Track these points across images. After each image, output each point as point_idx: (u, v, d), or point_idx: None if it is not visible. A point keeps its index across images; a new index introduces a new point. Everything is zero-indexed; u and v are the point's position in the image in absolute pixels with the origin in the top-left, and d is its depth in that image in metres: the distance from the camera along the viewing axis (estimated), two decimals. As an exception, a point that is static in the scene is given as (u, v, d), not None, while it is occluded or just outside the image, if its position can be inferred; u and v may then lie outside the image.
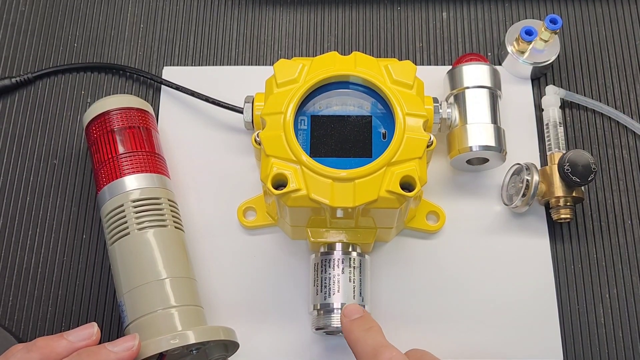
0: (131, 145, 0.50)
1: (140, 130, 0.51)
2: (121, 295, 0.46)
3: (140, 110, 0.52)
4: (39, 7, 0.61)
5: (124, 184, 0.49)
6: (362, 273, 0.48)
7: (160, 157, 0.52)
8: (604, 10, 0.61)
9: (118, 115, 0.51)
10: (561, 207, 0.51)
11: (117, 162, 0.49)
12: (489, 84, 0.52)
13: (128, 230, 0.47)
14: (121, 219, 0.47)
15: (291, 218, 0.48)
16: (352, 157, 0.46)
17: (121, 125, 0.51)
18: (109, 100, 0.52)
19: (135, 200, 0.48)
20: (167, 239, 0.48)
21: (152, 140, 0.52)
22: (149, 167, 0.50)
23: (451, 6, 0.61)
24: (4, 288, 0.52)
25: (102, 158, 0.50)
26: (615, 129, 0.57)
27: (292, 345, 0.50)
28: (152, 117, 0.54)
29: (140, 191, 0.48)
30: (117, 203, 0.48)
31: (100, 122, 0.51)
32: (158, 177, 0.50)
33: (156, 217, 0.48)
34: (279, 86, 0.47)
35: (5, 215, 0.54)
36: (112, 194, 0.48)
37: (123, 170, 0.49)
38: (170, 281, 0.46)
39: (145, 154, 0.50)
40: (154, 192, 0.49)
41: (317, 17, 0.61)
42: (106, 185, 0.49)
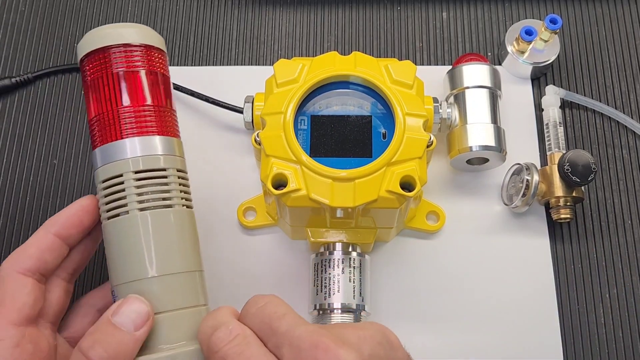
0: (147, 96, 0.41)
1: (158, 77, 0.42)
2: (116, 284, 0.40)
3: (159, 51, 0.43)
4: (39, 7, 0.62)
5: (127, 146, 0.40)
6: (362, 273, 0.48)
7: (174, 115, 0.43)
8: (604, 10, 0.61)
9: (130, 52, 0.41)
10: (561, 207, 0.51)
11: (124, 117, 0.40)
12: (489, 84, 0.52)
13: (127, 209, 0.39)
14: (119, 192, 0.40)
15: (291, 218, 0.48)
16: (352, 157, 0.46)
17: (133, 67, 0.41)
18: (117, 30, 0.42)
19: (138, 171, 0.40)
20: (178, 222, 0.40)
21: (170, 91, 0.43)
22: (164, 128, 0.41)
23: (451, 6, 0.61)
24: (4, 288, 0.52)
25: (103, 108, 0.40)
26: (615, 129, 0.57)
27: (292, 345, 0.50)
28: (167, 58, 0.44)
29: (147, 159, 0.40)
30: (116, 171, 0.40)
31: (100, 58, 0.41)
32: (173, 141, 0.42)
33: (164, 194, 0.40)
34: (279, 86, 0.47)
35: (5, 215, 0.54)
36: (111, 157, 0.40)
37: (130, 129, 0.40)
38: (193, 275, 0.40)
39: (161, 109, 0.41)
40: (165, 161, 0.41)
41: (317, 17, 0.61)
42: (106, 144, 0.40)
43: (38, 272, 0.40)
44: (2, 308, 0.38)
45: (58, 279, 0.42)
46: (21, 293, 0.38)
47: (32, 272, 0.39)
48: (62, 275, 0.42)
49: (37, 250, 0.40)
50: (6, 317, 0.37)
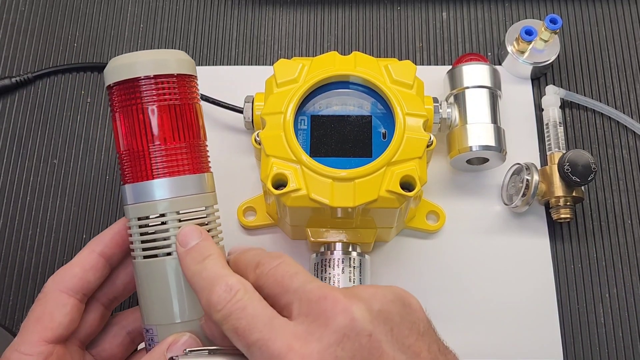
0: (182, 133, 0.39)
1: (192, 109, 0.39)
2: (152, 323, 0.39)
3: (192, 78, 0.40)
4: (39, 7, 0.61)
5: (164, 186, 0.38)
6: (362, 273, 0.48)
7: (205, 145, 0.41)
8: (604, 10, 0.61)
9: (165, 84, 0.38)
10: (561, 207, 0.51)
11: (159, 155, 0.38)
12: (489, 83, 0.52)
13: (169, 250, 0.38)
14: (161, 232, 0.38)
15: (291, 218, 0.48)
16: (352, 157, 0.46)
17: (167, 100, 0.38)
18: (150, 57, 0.39)
19: (181, 212, 0.38)
20: None
21: (201, 120, 0.41)
22: (202, 165, 0.40)
23: (451, 6, 0.61)
24: (4, 288, 0.52)
25: (133, 145, 0.38)
26: (615, 129, 0.57)
27: (292, 345, 0.50)
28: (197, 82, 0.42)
29: (186, 200, 0.39)
30: (156, 210, 0.38)
31: (130, 88, 0.38)
32: (206, 177, 0.40)
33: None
34: (279, 86, 0.47)
35: (5, 215, 0.54)
36: (148, 196, 0.38)
37: (163, 168, 0.38)
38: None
39: (194, 145, 0.39)
40: (202, 199, 0.39)
41: (317, 17, 0.61)
42: (142, 182, 0.38)
43: (81, 291, 0.40)
44: (38, 324, 0.38)
45: (97, 303, 0.42)
46: (60, 313, 0.39)
47: (75, 291, 0.39)
48: (101, 299, 0.42)
49: (81, 269, 0.40)
50: (40, 334, 0.38)
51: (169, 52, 0.40)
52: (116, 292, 0.42)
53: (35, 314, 0.39)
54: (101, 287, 0.42)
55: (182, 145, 0.39)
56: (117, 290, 0.42)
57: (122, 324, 0.43)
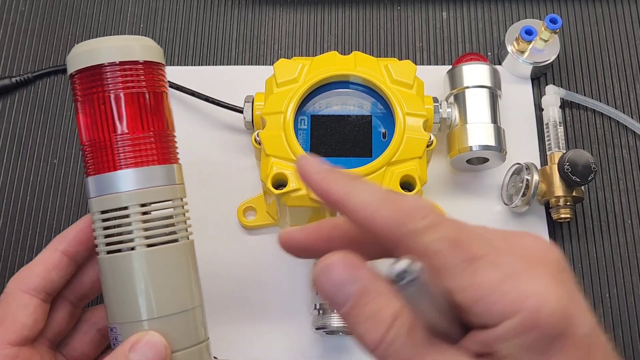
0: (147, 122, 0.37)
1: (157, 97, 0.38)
2: (116, 322, 0.38)
3: (158, 66, 0.39)
4: (39, 7, 0.61)
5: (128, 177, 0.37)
6: (362, 273, 0.48)
7: (173, 135, 0.40)
8: (604, 10, 0.61)
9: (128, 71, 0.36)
10: (561, 206, 0.51)
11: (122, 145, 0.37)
12: (489, 83, 0.52)
13: (132, 245, 0.37)
14: (123, 226, 0.37)
15: (291, 218, 0.48)
16: (352, 157, 0.46)
17: (131, 88, 0.36)
18: (113, 44, 0.37)
19: (145, 204, 0.37)
20: (183, 257, 0.38)
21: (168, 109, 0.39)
22: (166, 155, 0.38)
23: (451, 6, 0.61)
24: (3, 288, 0.52)
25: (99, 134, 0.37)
26: (615, 129, 0.57)
27: (292, 345, 0.50)
28: (165, 71, 0.40)
29: (151, 192, 0.37)
30: (119, 203, 0.37)
31: (93, 76, 0.36)
32: (174, 168, 0.39)
33: (169, 228, 0.38)
34: (279, 86, 0.47)
35: (5, 215, 0.54)
36: (111, 188, 0.37)
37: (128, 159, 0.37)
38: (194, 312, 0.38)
39: (161, 135, 0.38)
40: (169, 192, 0.38)
41: (317, 17, 0.61)
42: (104, 174, 0.37)
43: (44, 291, 0.38)
44: (1, 327, 0.37)
45: (65, 301, 0.40)
46: (23, 314, 0.37)
47: (38, 291, 0.38)
48: (69, 297, 0.41)
49: (43, 268, 0.38)
50: (3, 337, 0.37)
51: (134, 38, 0.38)
52: (84, 290, 0.41)
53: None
54: (68, 285, 0.40)
55: (148, 135, 0.37)
56: (85, 288, 0.41)
57: (92, 320, 0.42)
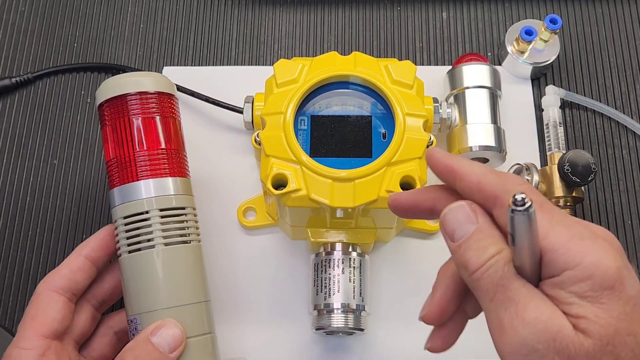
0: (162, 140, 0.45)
1: (170, 121, 0.46)
2: (136, 313, 0.43)
3: (170, 96, 0.46)
4: (39, 7, 0.61)
5: (147, 186, 0.43)
6: (362, 273, 0.48)
7: (184, 154, 0.47)
8: (604, 10, 0.61)
9: (145, 100, 0.45)
10: (561, 207, 0.51)
11: (141, 160, 0.44)
12: (489, 84, 0.52)
13: (152, 243, 0.43)
14: (143, 228, 0.43)
15: (291, 218, 0.48)
16: (352, 157, 0.46)
17: (148, 114, 0.44)
18: (133, 78, 0.45)
19: (163, 209, 0.43)
20: (193, 255, 0.44)
21: (180, 132, 0.47)
22: (180, 170, 0.45)
23: (451, 6, 0.61)
24: (4, 288, 0.52)
25: (122, 152, 0.44)
26: (615, 129, 0.57)
27: (292, 345, 0.50)
28: (177, 101, 0.48)
29: (165, 199, 0.44)
30: (140, 208, 0.43)
31: (118, 104, 0.44)
32: (185, 182, 0.46)
33: (182, 230, 0.44)
34: (279, 86, 0.47)
35: (5, 215, 0.54)
36: (132, 196, 0.43)
37: (146, 171, 0.44)
38: (204, 305, 0.44)
39: (173, 152, 0.45)
40: (181, 200, 0.44)
41: (317, 17, 0.61)
42: (126, 184, 0.44)
43: (70, 291, 0.43)
44: (34, 321, 0.42)
45: (88, 304, 0.45)
46: (52, 309, 0.42)
47: (65, 290, 0.43)
48: (91, 301, 0.46)
49: (69, 271, 0.44)
50: (37, 330, 0.41)
51: (150, 74, 0.46)
52: (104, 294, 0.46)
53: (30, 314, 0.42)
54: (90, 290, 0.45)
55: (162, 151, 0.45)
56: (106, 293, 0.46)
57: (109, 324, 0.46)
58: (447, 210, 0.33)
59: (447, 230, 0.33)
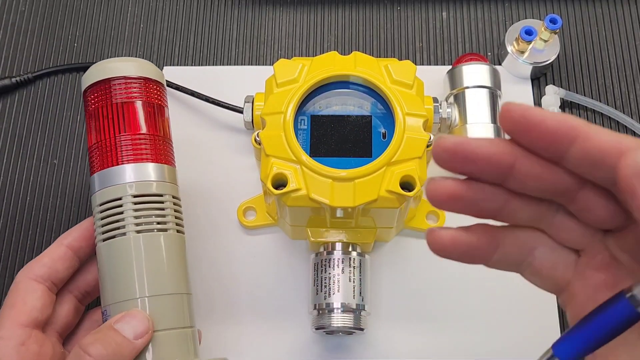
0: (144, 125, 0.43)
1: (154, 107, 0.44)
2: (108, 304, 0.41)
3: (157, 83, 0.45)
4: (39, 7, 0.62)
5: (125, 172, 0.42)
6: (362, 273, 0.48)
7: (170, 143, 0.46)
8: (604, 10, 0.61)
9: (129, 84, 0.43)
10: (561, 207, 0.51)
11: (121, 144, 0.42)
12: (489, 83, 0.52)
13: (124, 231, 0.41)
14: (116, 215, 0.41)
15: (291, 218, 0.48)
16: (352, 157, 0.46)
17: (131, 98, 0.43)
18: (117, 63, 0.44)
19: (137, 195, 0.41)
20: (171, 245, 0.42)
21: (165, 121, 0.45)
22: (160, 156, 0.43)
23: (451, 6, 0.61)
24: (4, 288, 0.52)
25: (103, 136, 0.43)
26: (615, 129, 0.57)
27: (292, 345, 0.50)
28: (165, 90, 0.46)
29: (143, 185, 0.42)
30: (114, 195, 0.41)
31: (102, 89, 0.43)
32: (167, 169, 0.44)
33: (159, 218, 0.42)
34: (279, 86, 0.47)
35: (5, 215, 0.54)
36: (109, 182, 0.42)
37: (126, 156, 0.42)
38: (182, 297, 0.42)
39: (156, 138, 0.44)
40: (160, 187, 0.43)
41: (317, 17, 0.61)
42: (105, 169, 0.42)
43: (49, 279, 0.42)
44: (12, 310, 0.41)
45: (70, 295, 0.44)
46: (31, 297, 0.41)
47: (44, 279, 0.42)
48: (74, 292, 0.44)
49: (49, 259, 0.43)
50: (15, 319, 0.40)
51: (134, 59, 0.45)
52: (87, 286, 0.45)
53: (9, 302, 0.41)
54: (73, 281, 0.44)
55: (142, 136, 0.43)
56: (89, 284, 0.45)
57: (94, 317, 0.46)
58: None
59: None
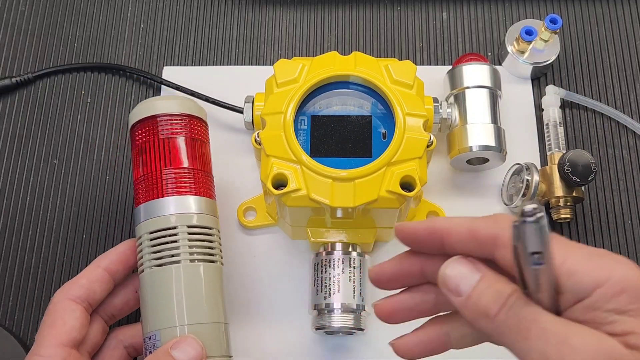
0: (188, 161, 0.45)
1: (202, 143, 0.47)
2: (157, 328, 0.42)
3: (201, 120, 0.47)
4: (39, 7, 0.62)
5: (182, 203, 0.44)
6: (362, 273, 0.48)
7: (211, 176, 0.47)
8: (604, 10, 0.61)
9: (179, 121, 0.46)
10: (561, 207, 0.51)
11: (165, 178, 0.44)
12: (489, 84, 0.52)
13: (179, 259, 0.43)
14: (172, 242, 0.43)
15: (291, 218, 0.48)
16: (352, 157, 0.46)
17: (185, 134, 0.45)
18: (165, 102, 0.46)
19: (192, 226, 0.43)
20: (215, 277, 0.44)
21: (205, 155, 0.47)
22: (210, 190, 0.46)
23: (451, 6, 0.61)
24: (4, 288, 0.52)
25: (152, 168, 0.45)
26: (615, 129, 0.57)
27: (292, 345, 0.50)
28: (205, 125, 0.48)
29: (200, 217, 0.44)
30: (170, 223, 0.43)
31: (151, 125, 0.45)
32: (213, 203, 0.46)
33: (208, 249, 0.44)
34: (279, 86, 0.47)
35: (5, 215, 0.54)
36: (158, 212, 0.44)
37: (178, 188, 0.44)
38: (223, 327, 0.44)
39: (206, 173, 0.46)
40: (208, 220, 0.45)
41: (317, 17, 0.61)
42: (151, 200, 0.44)
43: (87, 300, 0.43)
44: (52, 329, 0.41)
45: (98, 316, 0.45)
46: (70, 317, 0.42)
47: (82, 300, 0.43)
48: (103, 314, 0.45)
49: (87, 281, 0.43)
50: (56, 338, 0.41)
51: (180, 98, 0.48)
52: (115, 308, 0.46)
53: (48, 322, 0.42)
54: (102, 304, 0.45)
55: (190, 170, 0.45)
56: (116, 307, 0.46)
57: (119, 338, 0.46)
58: (446, 266, 0.31)
59: (450, 286, 0.31)
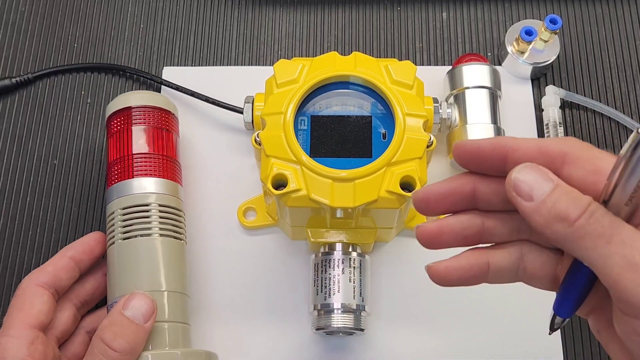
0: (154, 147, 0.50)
1: (163, 131, 0.51)
2: (120, 294, 0.45)
3: (169, 113, 0.52)
4: (39, 7, 0.61)
5: (141, 184, 0.48)
6: (362, 273, 0.48)
7: (177, 164, 0.51)
8: (604, 10, 0.61)
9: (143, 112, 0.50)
10: (561, 207, 0.51)
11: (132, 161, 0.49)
12: (489, 84, 0.52)
13: (150, 232, 0.47)
14: (144, 218, 0.47)
15: (291, 218, 0.48)
16: (352, 157, 0.46)
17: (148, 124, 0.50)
18: (134, 95, 0.52)
19: (163, 205, 0.48)
20: (180, 252, 0.48)
21: (173, 145, 0.52)
22: (164, 172, 0.50)
23: (451, 6, 0.61)
24: (4, 288, 0.52)
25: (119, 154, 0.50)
26: (615, 129, 0.57)
27: (292, 345, 0.50)
28: (177, 120, 0.53)
29: (167, 197, 0.48)
30: (143, 200, 0.47)
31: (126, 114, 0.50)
32: (178, 187, 0.50)
33: (174, 227, 0.48)
34: (279, 86, 0.47)
35: (5, 215, 0.54)
36: (125, 192, 0.48)
37: (139, 171, 0.48)
38: (167, 294, 0.46)
39: (161, 157, 0.50)
40: (177, 202, 0.49)
41: (317, 17, 0.61)
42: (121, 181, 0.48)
43: (53, 287, 0.45)
44: (20, 312, 0.43)
45: (70, 303, 0.47)
46: (38, 301, 0.44)
47: (49, 286, 0.45)
48: (74, 300, 0.48)
49: (53, 268, 0.46)
50: (24, 320, 0.43)
51: (152, 93, 0.52)
52: (86, 295, 0.48)
53: (17, 305, 0.44)
54: (73, 290, 0.47)
55: (158, 156, 0.49)
56: (87, 293, 0.48)
57: (81, 324, 0.48)
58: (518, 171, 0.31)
59: (522, 190, 0.30)
